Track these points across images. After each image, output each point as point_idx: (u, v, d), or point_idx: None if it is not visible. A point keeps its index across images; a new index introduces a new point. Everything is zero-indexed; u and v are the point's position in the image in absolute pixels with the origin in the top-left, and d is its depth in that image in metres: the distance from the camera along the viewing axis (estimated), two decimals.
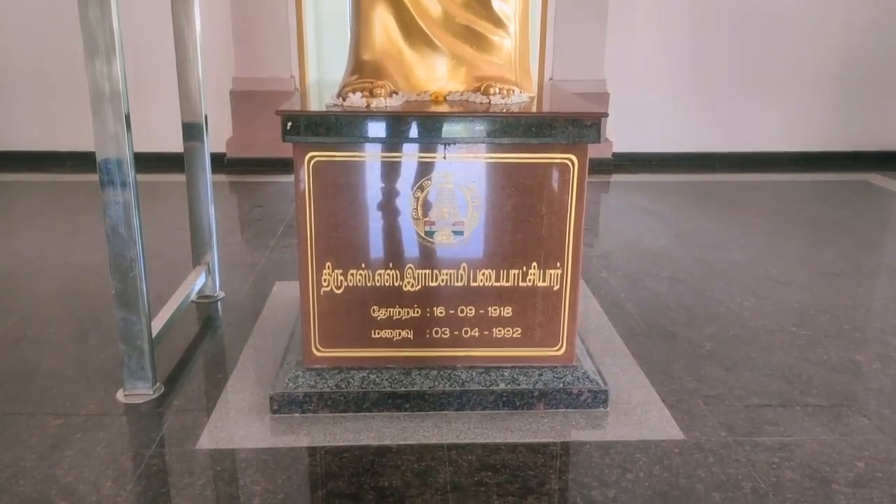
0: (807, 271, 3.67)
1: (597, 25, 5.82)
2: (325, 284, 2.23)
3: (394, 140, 2.12)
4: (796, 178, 5.83)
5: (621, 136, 6.04)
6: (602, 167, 5.89)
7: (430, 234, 2.21)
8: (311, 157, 2.11)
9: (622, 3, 5.83)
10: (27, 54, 5.75)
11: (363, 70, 2.25)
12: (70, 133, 5.73)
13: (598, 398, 2.31)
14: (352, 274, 2.22)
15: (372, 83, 2.19)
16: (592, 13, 5.78)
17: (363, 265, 2.22)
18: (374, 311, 2.26)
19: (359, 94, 2.15)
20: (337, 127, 2.06)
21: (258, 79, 5.74)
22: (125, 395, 2.35)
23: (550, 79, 5.87)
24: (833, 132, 6.23)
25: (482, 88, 2.26)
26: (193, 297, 3.09)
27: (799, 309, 3.18)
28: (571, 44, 5.82)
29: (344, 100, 2.15)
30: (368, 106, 2.12)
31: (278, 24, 5.69)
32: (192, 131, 3.08)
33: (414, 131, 2.10)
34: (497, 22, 2.28)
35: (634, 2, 5.87)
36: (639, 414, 2.30)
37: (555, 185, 2.17)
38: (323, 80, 3.23)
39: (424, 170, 2.16)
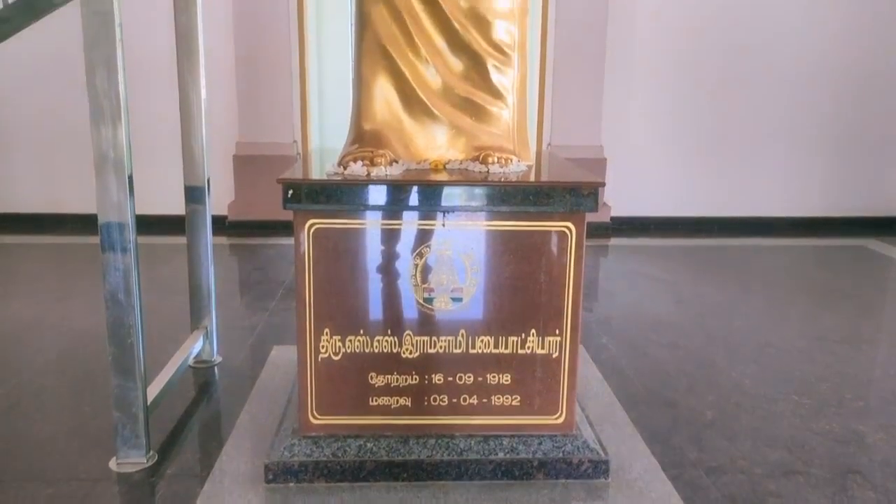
0: (807, 339, 3.66)
1: (593, 92, 5.95)
2: (322, 351, 2.22)
3: (394, 207, 2.14)
4: (794, 243, 5.86)
5: (619, 200, 6.10)
6: (600, 231, 5.93)
7: (428, 300, 2.21)
8: (312, 224, 2.12)
9: (618, 70, 5.97)
10: (31, 116, 5.85)
11: (364, 139, 2.29)
12: (72, 195, 5.79)
13: (599, 468, 2.27)
14: (350, 340, 2.21)
15: (372, 152, 2.22)
16: (589, 80, 5.91)
17: (362, 331, 2.22)
18: (371, 377, 2.25)
19: (359, 162, 2.18)
20: (338, 195, 2.09)
21: (261, 143, 5.83)
22: (118, 464, 2.31)
23: (549, 144, 5.96)
24: (830, 197, 6.30)
25: (481, 157, 2.29)
26: (191, 361, 3.08)
27: (800, 377, 3.15)
28: (569, 110, 5.93)
29: (345, 168, 2.18)
30: (369, 174, 2.15)
31: (282, 91, 5.81)
32: (194, 194, 3.11)
33: (414, 199, 2.13)
34: (495, 94, 2.33)
35: (630, 69, 6.01)
36: (640, 486, 2.25)
37: (553, 252, 2.18)
38: (324, 147, 3.28)
39: (423, 237, 2.18)
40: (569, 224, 2.17)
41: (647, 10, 5.93)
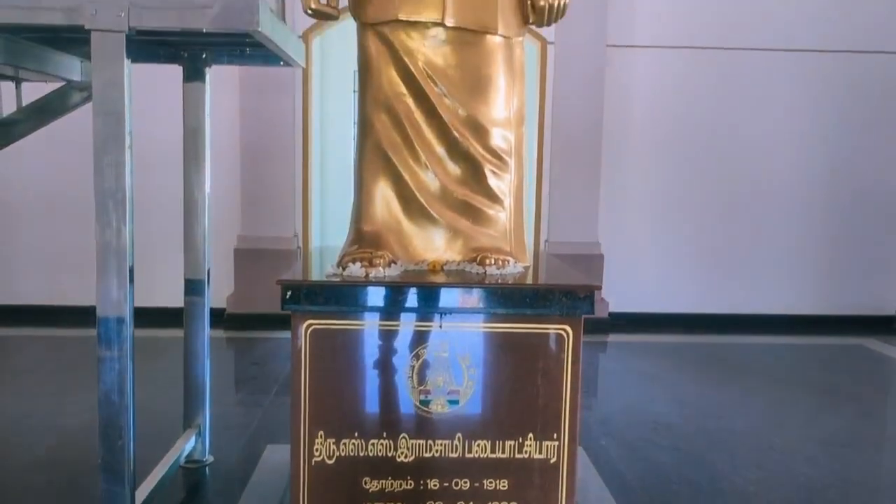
0: (810, 442, 3.60)
1: (590, 190, 6.06)
2: (316, 454, 2.18)
3: (391, 309, 2.15)
4: (792, 342, 5.84)
5: (617, 296, 6.11)
6: (599, 327, 5.91)
7: (425, 402, 2.19)
8: (309, 325, 2.13)
9: (614, 168, 6.10)
10: (33, 206, 5.92)
11: (363, 241, 2.33)
12: (72, 287, 5.79)
13: None
14: (344, 443, 2.18)
15: (371, 253, 2.26)
16: (586, 179, 6.03)
17: (356, 434, 2.19)
18: (365, 482, 2.20)
19: (358, 263, 2.21)
20: (336, 297, 2.10)
21: (262, 237, 5.89)
22: None
23: (546, 241, 6.03)
24: (826, 295, 6.32)
25: (478, 259, 2.32)
26: (182, 461, 3.01)
27: (806, 483, 3.08)
28: (566, 208, 6.03)
29: (344, 269, 2.21)
30: (367, 276, 2.18)
31: (285, 186, 5.91)
32: (193, 286, 3.12)
33: (411, 301, 2.14)
34: (493, 197, 2.39)
35: (626, 168, 6.14)
36: None
37: (550, 355, 2.18)
38: (324, 245, 3.32)
39: (421, 338, 2.18)
40: (566, 327, 2.17)
41: (641, 111, 6.12)
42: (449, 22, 2.27)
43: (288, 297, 2.09)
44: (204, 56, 2.84)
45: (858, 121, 6.19)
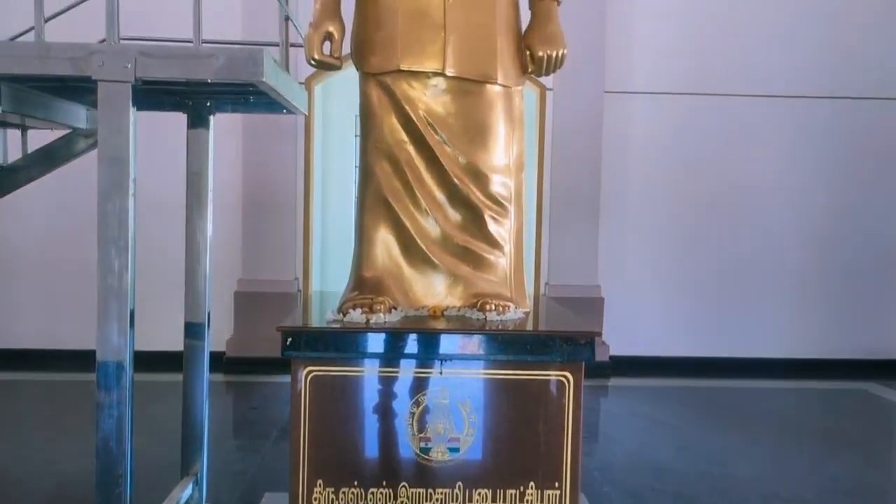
0: (815, 489, 3.55)
1: (589, 233, 6.08)
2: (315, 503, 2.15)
3: (391, 355, 2.16)
4: (794, 386, 5.80)
5: (618, 339, 6.09)
6: (600, 371, 5.88)
7: (425, 450, 2.17)
8: (309, 372, 2.13)
9: (613, 211, 6.13)
10: (32, 249, 5.93)
11: (364, 286, 2.34)
12: (71, 330, 5.77)
13: None
14: (343, 492, 2.16)
15: (372, 299, 2.27)
16: (585, 222, 6.06)
17: (356, 483, 2.17)
18: None
19: (359, 310, 2.22)
20: (336, 343, 2.11)
21: (263, 280, 5.89)
22: None
23: (547, 284, 6.03)
24: (829, 339, 6.29)
25: (479, 304, 2.33)
26: None
27: None
28: (565, 251, 6.04)
29: (344, 315, 2.22)
30: (368, 321, 2.18)
31: (286, 230, 5.94)
32: (193, 330, 3.10)
33: (411, 347, 2.14)
34: (493, 243, 2.41)
35: (625, 210, 6.17)
36: None
37: (551, 402, 2.17)
38: (325, 290, 3.32)
39: (421, 385, 2.18)
40: (566, 373, 2.17)
41: (640, 156, 6.18)
42: (450, 72, 2.31)
43: (288, 343, 2.09)
44: (208, 104, 2.88)
45: (858, 165, 6.24)
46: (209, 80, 2.02)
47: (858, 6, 6.14)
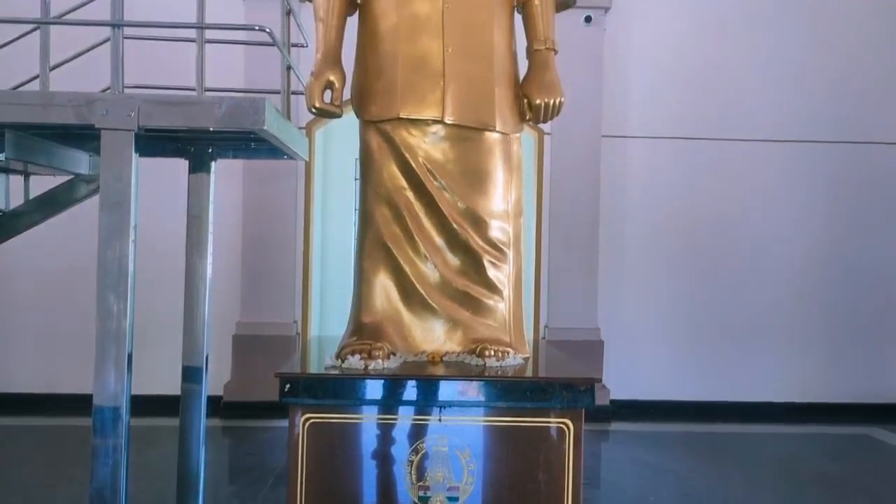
0: None
1: (588, 276, 6.09)
2: None
3: (390, 402, 2.14)
4: (797, 431, 5.74)
5: (618, 382, 6.05)
6: (600, 415, 5.82)
7: (424, 499, 2.14)
8: (307, 419, 2.11)
9: (612, 254, 6.14)
10: (31, 293, 5.92)
11: (362, 332, 2.34)
12: (68, 374, 5.73)
13: None
14: None
15: (371, 345, 2.26)
16: (584, 265, 6.07)
17: None
18: None
19: (357, 355, 2.21)
20: (335, 390, 2.09)
21: (262, 323, 5.88)
22: None
23: (546, 327, 6.01)
24: (830, 383, 6.25)
25: (478, 350, 2.32)
26: None
27: None
28: (565, 294, 6.04)
29: (342, 361, 2.21)
30: (366, 367, 2.17)
31: (285, 273, 5.95)
32: (191, 374, 3.08)
33: (410, 394, 2.13)
34: (491, 287, 2.41)
35: (623, 252, 6.18)
36: None
37: (551, 450, 2.15)
38: (324, 336, 3.31)
39: (420, 432, 2.16)
40: (566, 420, 2.15)
41: (638, 198, 6.21)
42: (448, 119, 2.34)
43: (286, 389, 2.08)
44: (210, 150, 2.91)
45: (855, 208, 6.28)
46: (211, 129, 2.04)
47: (851, 51, 6.25)
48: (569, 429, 2.16)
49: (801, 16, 6.22)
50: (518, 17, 2.52)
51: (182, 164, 2.99)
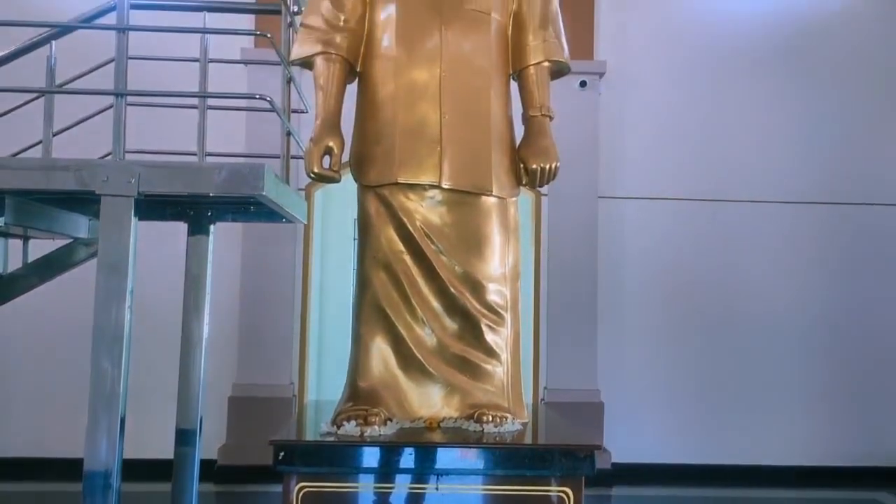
0: None
1: (587, 337, 6.04)
2: None
3: (386, 470, 2.10)
4: (802, 495, 5.62)
5: (619, 445, 5.95)
6: (602, 479, 5.71)
7: None
8: (302, 487, 2.07)
9: (610, 314, 6.11)
10: (24, 357, 5.87)
11: (359, 397, 2.32)
12: (60, 438, 5.64)
13: None
14: None
15: (367, 410, 2.23)
16: (582, 326, 6.04)
17: None
18: None
19: (353, 421, 2.18)
20: (330, 457, 2.06)
21: (258, 385, 5.81)
22: None
23: (545, 388, 5.95)
24: (836, 447, 6.14)
25: (476, 416, 2.30)
26: None
27: None
28: (564, 355, 5.99)
29: (338, 427, 2.18)
30: (362, 434, 2.14)
31: (283, 335, 5.90)
32: (185, 437, 3.04)
33: (407, 461, 2.09)
34: (489, 352, 2.40)
35: (622, 312, 6.15)
36: None
37: None
38: (321, 400, 3.28)
39: (417, 501, 2.11)
40: (566, 489, 2.11)
41: (635, 259, 6.22)
42: (446, 184, 2.36)
43: (281, 458, 2.04)
44: (209, 214, 2.93)
45: (854, 269, 6.26)
46: (211, 194, 2.06)
47: (846, 115, 6.35)
48: (569, 497, 2.11)
49: (795, 77, 6.34)
50: (514, 84, 2.57)
51: (181, 224, 3.01)
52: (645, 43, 6.27)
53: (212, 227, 3.05)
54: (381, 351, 2.37)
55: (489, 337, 2.39)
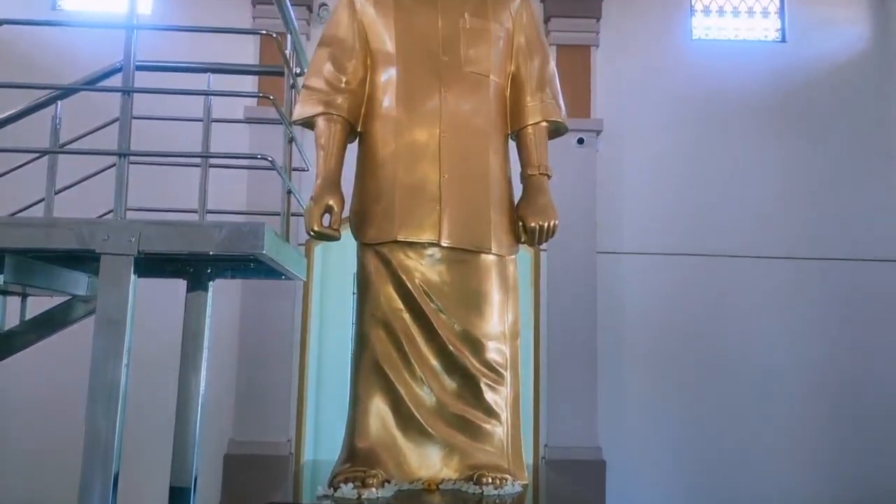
0: None
1: (588, 393, 5.99)
2: None
3: None
4: None
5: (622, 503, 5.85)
6: None
7: None
8: None
9: (610, 369, 6.06)
10: (19, 414, 5.81)
11: (356, 458, 2.28)
12: (54, 498, 5.53)
13: None
14: None
15: (365, 472, 2.20)
16: (582, 381, 5.98)
17: None
18: None
19: (350, 484, 2.15)
20: None
21: (254, 442, 5.73)
22: None
23: (546, 446, 5.86)
24: (839, 497, 6.04)
25: (475, 477, 2.26)
26: None
27: None
28: (564, 412, 5.92)
29: (335, 490, 2.14)
30: (360, 497, 2.10)
31: (280, 391, 5.85)
32: (179, 495, 2.96)
33: None
34: (489, 411, 2.37)
35: (622, 368, 6.11)
36: None
37: None
38: (318, 460, 3.23)
39: None
40: None
41: (634, 314, 6.20)
42: (445, 242, 2.37)
43: None
44: (209, 271, 2.93)
45: (850, 323, 6.25)
46: (211, 253, 2.07)
47: (836, 171, 6.43)
48: None
49: (787, 134, 6.44)
50: (512, 143, 2.60)
51: (180, 280, 3.00)
52: (640, 101, 6.39)
53: (211, 284, 3.04)
54: (379, 410, 2.34)
55: (489, 396, 2.37)
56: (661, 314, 6.20)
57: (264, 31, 2.87)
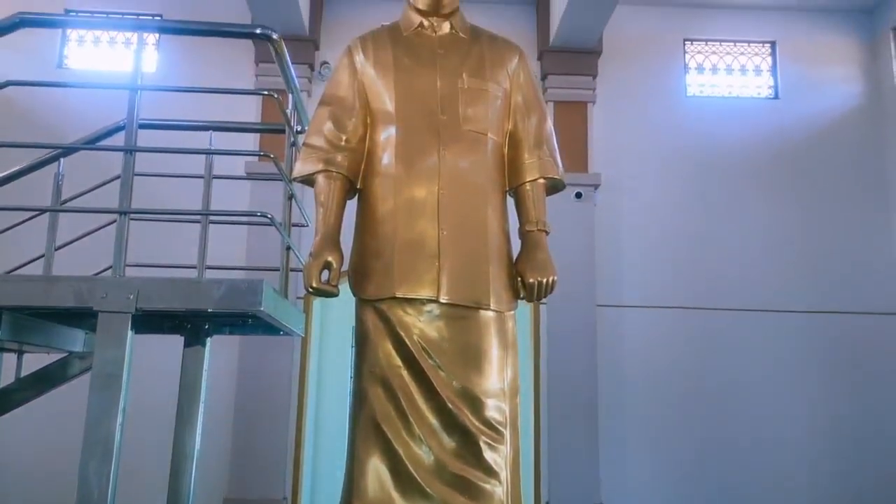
0: None
1: (589, 449, 5.91)
2: None
3: None
4: None
5: None
6: None
7: None
8: None
9: (612, 425, 6.00)
10: (16, 472, 5.72)
11: None
12: None
13: None
14: None
15: None
16: (584, 437, 5.92)
17: None
18: None
19: None
20: None
21: (250, 500, 5.63)
22: None
23: (547, 502, 5.76)
24: None
25: None
26: None
27: None
28: (565, 469, 5.84)
29: None
30: None
31: (277, 447, 5.77)
32: None
33: None
34: (488, 471, 2.32)
35: (623, 423, 6.04)
36: None
37: None
38: None
39: None
40: None
41: (635, 368, 6.17)
42: (444, 298, 2.37)
43: None
44: (206, 327, 2.92)
45: (849, 376, 6.24)
46: (209, 310, 2.06)
47: (833, 226, 6.47)
48: None
49: (783, 189, 6.51)
50: (510, 199, 2.62)
51: (177, 335, 2.99)
52: (637, 156, 6.48)
53: (208, 340, 3.03)
54: (377, 469, 2.30)
55: (488, 455, 2.33)
56: (662, 368, 6.17)
57: (265, 92, 2.92)
